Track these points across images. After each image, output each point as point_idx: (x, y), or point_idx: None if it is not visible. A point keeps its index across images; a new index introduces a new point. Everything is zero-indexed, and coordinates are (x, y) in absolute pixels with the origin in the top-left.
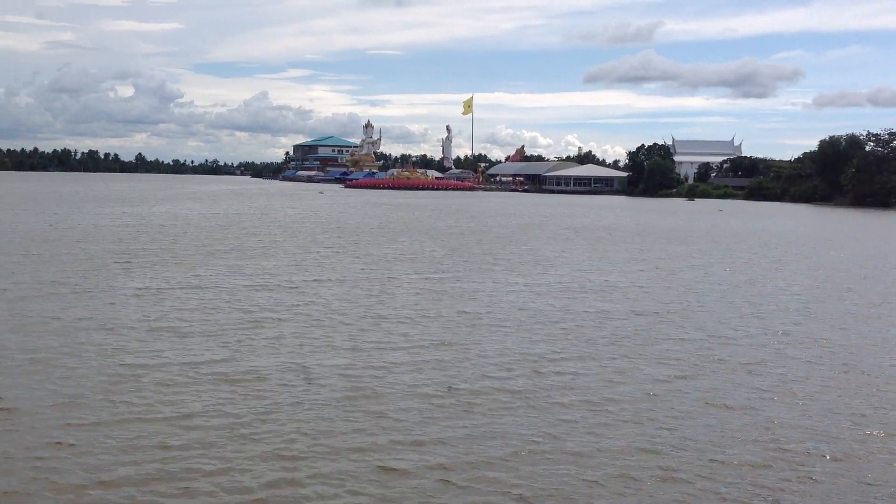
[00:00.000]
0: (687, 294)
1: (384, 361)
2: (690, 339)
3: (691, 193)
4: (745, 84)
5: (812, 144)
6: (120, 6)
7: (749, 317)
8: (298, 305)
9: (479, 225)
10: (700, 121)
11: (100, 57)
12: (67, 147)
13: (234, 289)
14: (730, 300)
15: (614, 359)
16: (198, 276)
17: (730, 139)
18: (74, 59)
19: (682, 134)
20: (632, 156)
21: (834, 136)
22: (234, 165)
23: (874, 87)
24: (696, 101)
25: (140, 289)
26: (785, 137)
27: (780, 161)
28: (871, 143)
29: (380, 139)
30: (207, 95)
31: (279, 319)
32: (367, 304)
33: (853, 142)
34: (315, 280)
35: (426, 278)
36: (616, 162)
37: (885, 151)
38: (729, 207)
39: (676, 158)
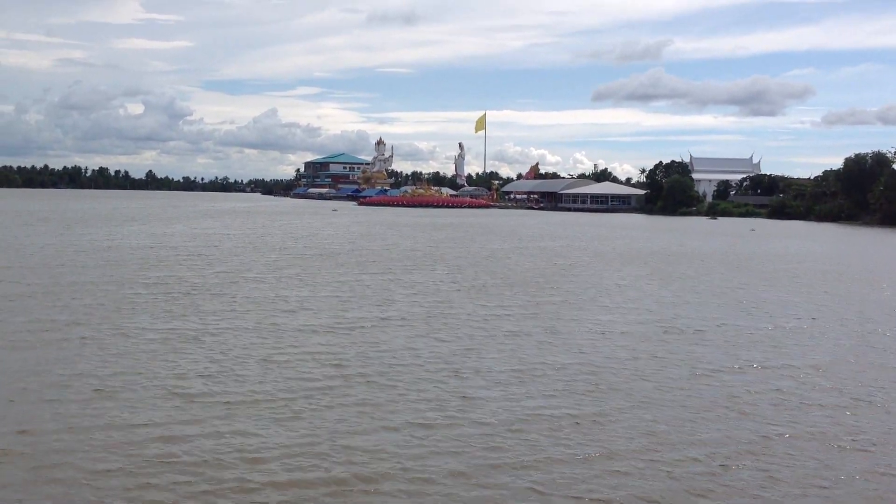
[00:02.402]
0: (796, 338)
1: (491, 452)
2: (846, 405)
3: (713, 212)
4: (754, 102)
5: (823, 162)
6: (131, 24)
7: None
8: (360, 357)
9: (517, 246)
10: (709, 139)
11: (110, 74)
12: (77, 164)
13: (276, 330)
14: (863, 350)
15: (781, 437)
16: (231, 311)
17: (748, 157)
18: (85, 76)
19: (692, 152)
20: (650, 173)
21: (859, 154)
22: (244, 182)
23: (884, 105)
24: (705, 119)
25: (160, 331)
26: (794, 155)
27: (800, 179)
28: None
29: (392, 156)
30: (217, 112)
31: (343, 377)
32: (442, 354)
33: (879, 159)
34: (369, 318)
35: (495, 316)
36: (629, 179)
37: None
38: (757, 227)
39: (694, 176)
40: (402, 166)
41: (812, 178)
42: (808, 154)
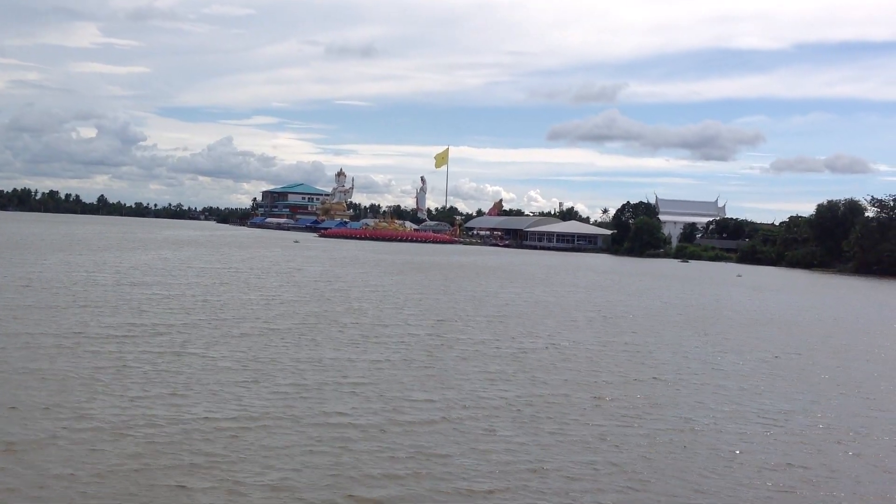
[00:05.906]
0: None
1: None
2: None
3: (682, 255)
4: (706, 146)
5: (771, 208)
6: (88, 48)
7: None
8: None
9: (523, 293)
10: (662, 181)
11: (65, 98)
12: (27, 187)
13: (277, 425)
14: None
15: None
16: (212, 390)
17: (713, 200)
18: (38, 98)
19: (657, 193)
20: (616, 214)
21: (832, 200)
22: (198, 210)
23: (832, 154)
24: (657, 162)
25: (107, 425)
26: (745, 200)
27: (764, 224)
28: (876, 209)
29: (352, 188)
30: (170, 139)
31: None
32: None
33: (852, 207)
34: (410, 413)
35: (567, 408)
36: (587, 218)
37: (890, 217)
38: (737, 272)
39: (660, 217)
40: (358, 198)
41: (776, 223)
42: (758, 199)
